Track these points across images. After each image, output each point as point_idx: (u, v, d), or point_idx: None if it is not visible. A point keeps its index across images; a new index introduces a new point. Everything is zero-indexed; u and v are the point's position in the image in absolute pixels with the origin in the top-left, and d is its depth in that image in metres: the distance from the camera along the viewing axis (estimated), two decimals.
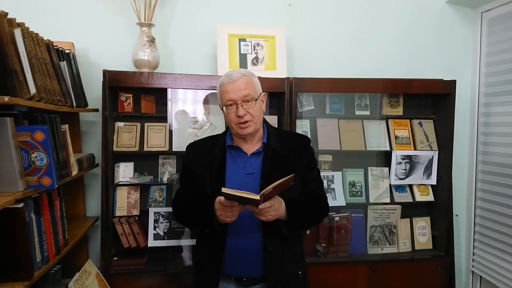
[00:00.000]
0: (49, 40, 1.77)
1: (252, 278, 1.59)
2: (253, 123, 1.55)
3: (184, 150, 2.21)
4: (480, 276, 2.61)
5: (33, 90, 1.44)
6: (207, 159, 1.61)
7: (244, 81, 1.54)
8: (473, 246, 2.65)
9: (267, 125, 1.69)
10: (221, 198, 1.41)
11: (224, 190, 1.33)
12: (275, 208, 1.43)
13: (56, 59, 1.79)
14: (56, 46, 1.84)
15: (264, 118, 1.68)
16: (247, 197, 1.33)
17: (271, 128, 1.71)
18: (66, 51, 1.96)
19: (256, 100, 1.55)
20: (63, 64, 1.87)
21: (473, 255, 2.66)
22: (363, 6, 2.58)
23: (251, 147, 1.63)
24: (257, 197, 1.33)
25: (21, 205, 1.34)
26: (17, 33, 1.38)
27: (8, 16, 1.36)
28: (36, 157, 1.41)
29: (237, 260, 1.55)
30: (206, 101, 2.37)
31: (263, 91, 1.63)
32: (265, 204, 1.39)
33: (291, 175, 1.38)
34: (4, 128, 1.32)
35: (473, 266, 2.65)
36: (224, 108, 1.56)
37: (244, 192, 1.33)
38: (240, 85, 1.53)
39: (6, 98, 1.23)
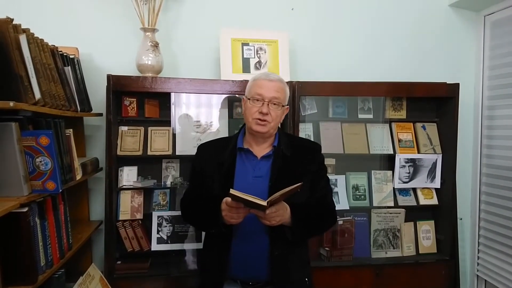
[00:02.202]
0: (54, 45, 1.78)
1: (258, 281, 1.58)
2: (270, 125, 1.57)
3: (188, 153, 2.25)
4: (485, 280, 2.59)
5: (38, 95, 1.45)
6: (217, 160, 1.62)
7: (279, 85, 1.60)
8: (478, 250, 2.64)
9: (278, 130, 1.69)
10: (228, 199, 1.41)
11: (232, 191, 1.34)
12: (280, 214, 1.44)
13: (60, 64, 1.80)
14: (60, 51, 1.85)
15: None
16: (254, 201, 1.34)
17: (282, 133, 1.72)
18: (71, 56, 1.98)
19: (282, 106, 1.59)
20: (68, 69, 1.88)
21: (477, 259, 2.64)
22: (366, 10, 2.59)
23: (261, 150, 1.63)
24: (264, 203, 1.33)
25: (25, 209, 1.35)
26: (23, 39, 1.40)
27: (14, 22, 1.37)
28: (40, 161, 1.42)
29: (243, 262, 1.56)
30: (210, 105, 2.38)
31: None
32: (270, 209, 1.39)
33: (300, 183, 1.37)
34: (9, 133, 1.33)
35: (478, 270, 2.64)
36: (250, 100, 1.58)
37: (251, 196, 1.34)
38: (274, 87, 1.58)
39: (11, 103, 1.24)
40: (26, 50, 1.42)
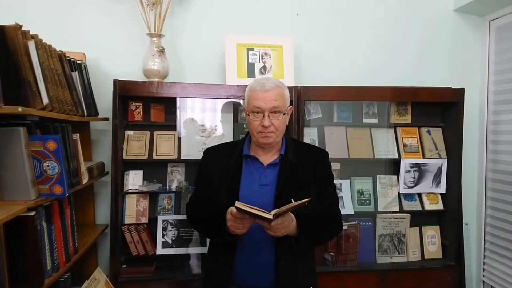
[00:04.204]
0: (62, 51, 1.80)
1: None
2: (274, 135, 1.55)
3: (193, 158, 2.27)
4: (491, 286, 2.57)
5: (45, 100, 1.46)
6: (223, 166, 1.61)
7: (276, 92, 1.54)
8: (484, 255, 2.62)
9: (286, 137, 1.67)
10: (233, 209, 1.40)
11: (237, 204, 1.33)
12: (285, 226, 1.43)
13: (68, 69, 1.83)
14: (68, 56, 1.87)
15: None
16: (260, 214, 1.33)
17: (289, 139, 1.70)
18: (78, 62, 2.00)
19: (283, 114, 1.55)
20: (75, 74, 1.90)
21: (483, 265, 2.62)
22: (370, 15, 2.59)
23: (268, 157, 1.62)
24: (270, 216, 1.33)
25: (32, 213, 1.36)
26: (31, 45, 1.42)
27: (22, 29, 1.39)
28: (48, 166, 1.43)
29: (248, 271, 1.55)
30: (215, 109, 2.39)
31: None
32: (276, 221, 1.39)
33: (307, 199, 1.36)
34: (17, 138, 1.34)
35: (483, 276, 2.62)
36: (250, 114, 1.56)
37: (257, 209, 1.33)
38: (271, 96, 1.52)
39: (20, 109, 1.25)
40: (35, 56, 1.43)
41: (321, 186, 1.62)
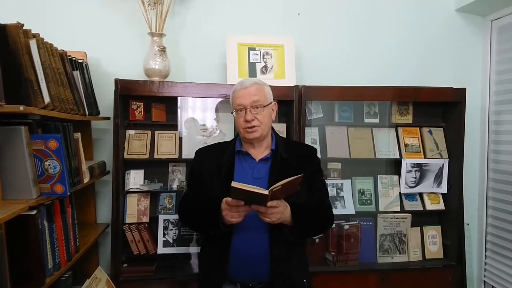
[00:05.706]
0: (63, 50, 1.80)
1: (258, 282, 1.59)
2: (260, 128, 1.60)
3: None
4: (492, 286, 2.56)
5: (47, 99, 1.46)
6: (216, 163, 1.65)
7: (255, 88, 1.61)
8: (485, 255, 2.62)
9: (275, 134, 1.73)
10: (228, 198, 1.44)
11: (234, 184, 1.35)
12: (280, 211, 1.45)
13: (69, 68, 1.83)
14: (69, 55, 1.88)
15: (272, 127, 1.72)
16: (256, 191, 1.35)
17: (279, 137, 1.75)
18: (79, 61, 2.00)
19: (264, 106, 1.61)
20: (76, 74, 1.90)
21: (485, 265, 2.62)
22: (372, 14, 2.59)
23: (259, 153, 1.67)
24: (266, 192, 1.35)
25: (34, 212, 1.36)
26: (33, 44, 1.42)
27: (24, 28, 1.39)
28: (49, 165, 1.44)
29: (243, 264, 1.57)
30: (216, 109, 2.39)
31: (273, 100, 1.69)
32: (272, 203, 1.41)
33: (300, 175, 1.39)
34: (18, 137, 1.35)
35: (485, 276, 2.62)
36: (234, 112, 1.63)
37: (253, 187, 1.36)
38: (250, 92, 1.60)
39: (21, 107, 1.26)
40: (36, 55, 1.43)
41: (312, 181, 1.65)
